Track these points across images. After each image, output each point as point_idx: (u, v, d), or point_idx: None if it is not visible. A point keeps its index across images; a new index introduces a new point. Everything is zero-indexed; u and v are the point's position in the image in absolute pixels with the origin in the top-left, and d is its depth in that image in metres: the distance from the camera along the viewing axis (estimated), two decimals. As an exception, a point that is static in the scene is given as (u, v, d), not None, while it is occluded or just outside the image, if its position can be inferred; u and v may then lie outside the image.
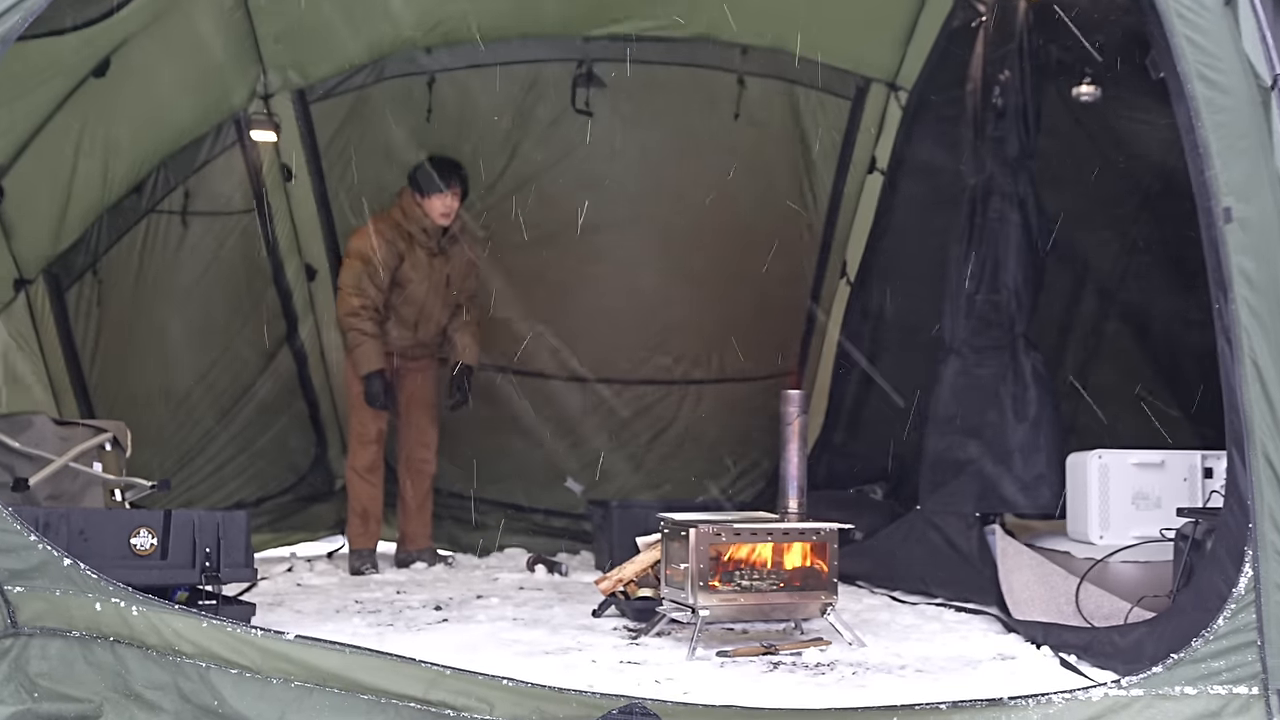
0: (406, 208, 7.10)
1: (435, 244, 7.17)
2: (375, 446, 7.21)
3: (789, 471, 4.95)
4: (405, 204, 7.11)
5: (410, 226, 7.09)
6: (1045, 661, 4.50)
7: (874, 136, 7.82)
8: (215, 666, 3.70)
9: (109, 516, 4.73)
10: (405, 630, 5.16)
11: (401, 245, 7.08)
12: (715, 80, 7.58)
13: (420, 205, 7.07)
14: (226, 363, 7.59)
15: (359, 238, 7.07)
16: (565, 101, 7.52)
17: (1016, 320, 6.09)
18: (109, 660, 3.74)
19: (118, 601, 3.77)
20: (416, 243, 7.12)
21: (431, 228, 7.11)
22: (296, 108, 7.38)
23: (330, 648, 3.70)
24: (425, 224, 7.09)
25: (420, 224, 7.09)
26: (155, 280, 7.17)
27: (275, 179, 7.53)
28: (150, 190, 6.96)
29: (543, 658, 4.58)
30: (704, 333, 8.18)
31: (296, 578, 6.80)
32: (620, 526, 6.82)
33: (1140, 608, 4.89)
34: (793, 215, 7.98)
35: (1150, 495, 5.64)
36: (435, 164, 7.08)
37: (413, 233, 7.10)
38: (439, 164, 7.09)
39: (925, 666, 4.46)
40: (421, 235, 7.11)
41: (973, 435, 6.11)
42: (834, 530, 4.92)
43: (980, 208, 6.25)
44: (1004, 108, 6.15)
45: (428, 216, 7.08)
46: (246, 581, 4.96)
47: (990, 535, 5.81)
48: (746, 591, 4.84)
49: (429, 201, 7.06)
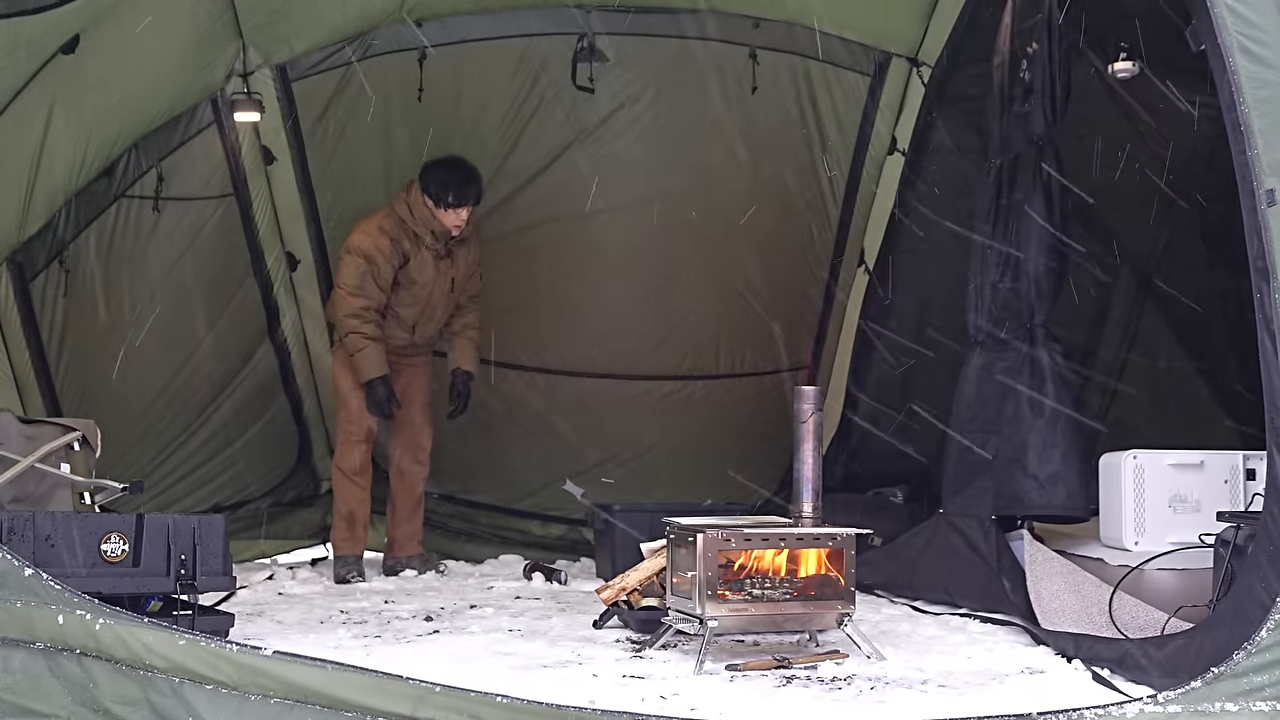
0: (414, 207, 7.03)
1: (442, 246, 7.14)
2: (364, 447, 7.21)
3: (803, 472, 4.93)
4: (413, 202, 7.04)
5: (417, 227, 7.04)
6: (1076, 675, 4.48)
7: (894, 115, 7.81)
8: (189, 681, 3.69)
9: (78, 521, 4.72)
10: (393, 642, 5.14)
11: (407, 245, 7.05)
12: (725, 54, 7.57)
13: (430, 209, 7.02)
14: (202, 357, 7.59)
15: (362, 234, 7.02)
16: (565, 78, 7.52)
17: (1036, 309, 6.07)
18: (76, 673, 3.74)
19: (83, 614, 3.77)
20: (423, 244, 7.08)
21: (440, 232, 7.07)
22: (278, 86, 7.38)
23: (311, 664, 3.70)
24: (434, 228, 7.05)
25: (428, 226, 7.04)
26: (126, 269, 7.17)
27: (255, 162, 7.53)
28: (121, 173, 6.96)
29: (540, 672, 4.57)
30: (712, 325, 8.19)
31: (278, 586, 6.80)
32: (623, 532, 6.83)
33: (1178, 618, 4.86)
34: (807, 199, 7.98)
35: (1188, 498, 5.62)
36: (451, 170, 7.02)
37: (419, 234, 7.06)
38: (455, 171, 7.03)
39: (949, 681, 4.45)
40: (429, 237, 7.07)
41: (993, 432, 6.10)
42: (851, 535, 4.91)
43: (1006, 189, 6.23)
44: (1032, 83, 6.12)
45: (437, 221, 7.04)
46: (224, 590, 4.96)
47: (1018, 541, 5.80)
48: (758, 601, 4.82)
49: (442, 213, 7.01)
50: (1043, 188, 6.11)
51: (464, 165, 7.09)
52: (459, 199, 7.00)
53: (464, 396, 7.39)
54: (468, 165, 7.11)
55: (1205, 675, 3.66)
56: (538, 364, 8.18)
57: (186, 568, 4.63)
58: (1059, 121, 6.13)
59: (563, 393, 8.20)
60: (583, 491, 8.11)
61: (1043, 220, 6.08)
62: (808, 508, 4.93)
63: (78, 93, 6.12)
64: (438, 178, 7.00)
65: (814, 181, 7.95)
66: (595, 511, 7.44)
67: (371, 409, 7.08)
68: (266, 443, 7.95)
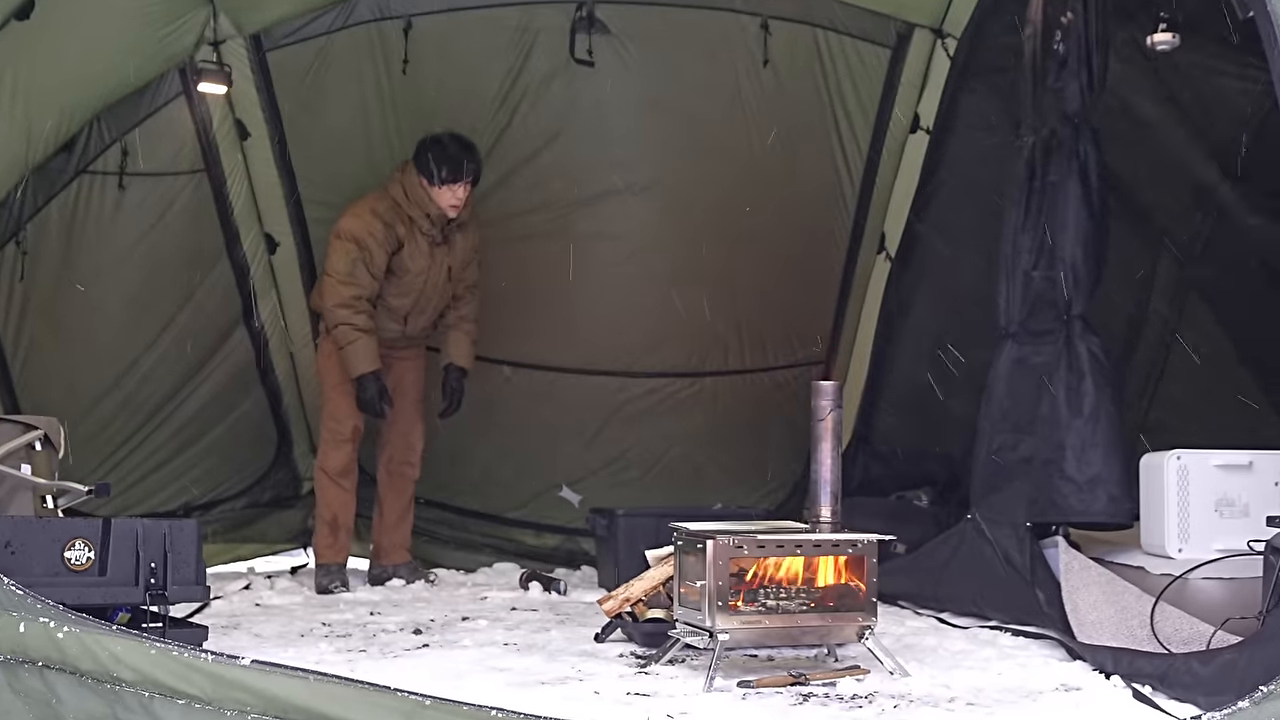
0: (409, 188, 7.06)
1: (439, 231, 7.15)
2: (350, 447, 7.22)
3: (821, 474, 4.94)
4: (407, 183, 7.07)
5: (411, 210, 7.07)
6: (1116, 693, 4.50)
7: (917, 91, 7.81)
8: (160, 695, 3.69)
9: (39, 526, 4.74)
10: (380, 657, 5.16)
11: (401, 230, 7.07)
12: (735, 25, 7.57)
13: (425, 188, 7.05)
14: (171, 344, 7.57)
15: (353, 217, 7.04)
16: (563, 50, 7.51)
17: (1074, 300, 6.08)
18: (38, 687, 3.74)
19: (46, 621, 3.76)
20: (418, 228, 7.10)
21: (436, 214, 7.10)
22: (251, 56, 7.36)
23: (292, 675, 3.70)
24: (430, 210, 7.07)
25: (424, 209, 7.07)
26: (89, 251, 7.15)
27: (230, 136, 7.52)
28: (82, 147, 6.94)
29: (538, 688, 4.58)
30: (722, 317, 8.18)
31: (255, 596, 6.81)
32: (627, 538, 6.83)
33: (1225, 631, 4.88)
34: (823, 180, 7.97)
35: (1236, 501, 5.62)
36: (446, 146, 7.05)
37: (414, 217, 7.08)
38: (450, 147, 7.05)
39: (978, 699, 4.46)
40: (424, 221, 7.09)
41: (1026, 432, 6.11)
42: (873, 542, 4.91)
43: (1039, 170, 6.24)
44: (1065, 55, 6.13)
45: (433, 203, 7.06)
46: (198, 601, 4.98)
47: (1052, 549, 5.80)
48: (772, 613, 4.82)
49: (436, 190, 7.04)
50: (1079, 168, 6.12)
51: (459, 139, 7.12)
52: (453, 174, 7.02)
53: (457, 394, 7.40)
54: (463, 139, 7.13)
55: (1254, 694, 3.64)
56: (532, 360, 8.17)
57: (157, 577, 4.64)
58: (1096, 97, 6.14)
59: (559, 391, 8.20)
60: (580, 499, 8.12)
61: (1080, 203, 6.09)
62: (826, 512, 4.93)
63: (33, 61, 6.08)
64: (431, 152, 7.02)
65: (830, 162, 7.95)
66: (594, 518, 7.44)
67: (362, 406, 7.08)
68: (241, 438, 7.95)
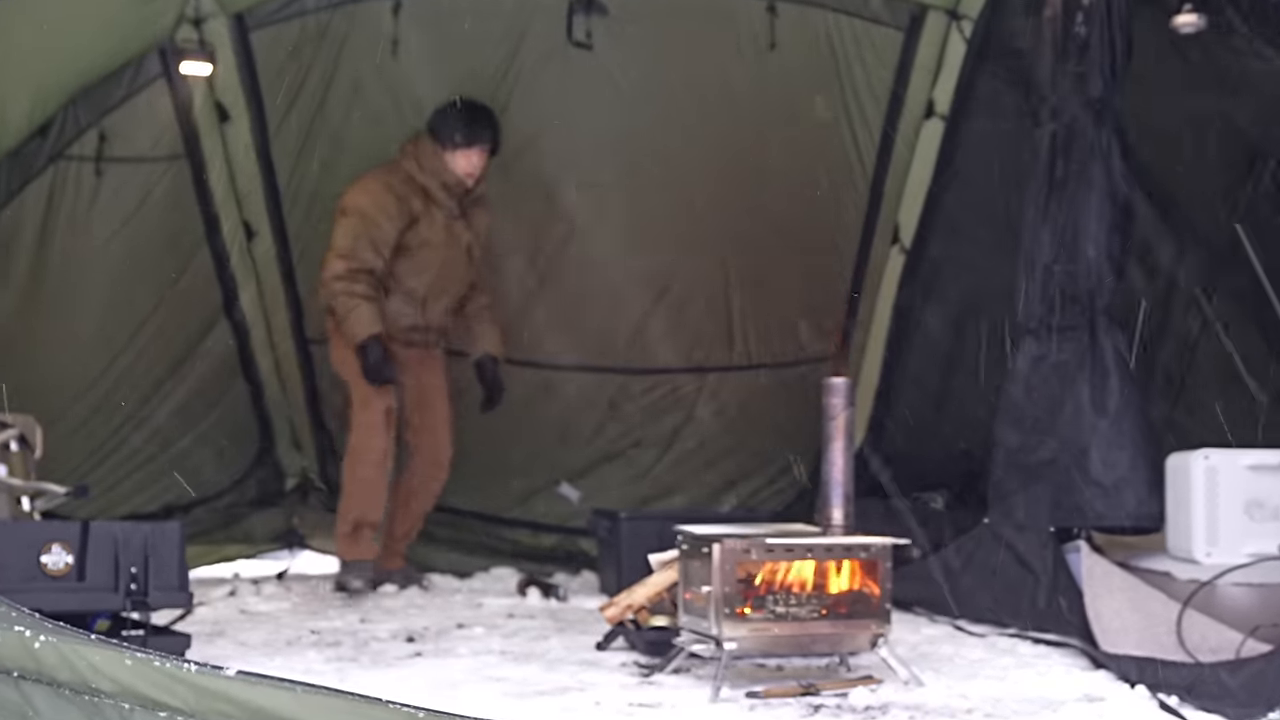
0: (423, 157, 7.09)
1: (456, 204, 7.16)
2: (387, 432, 7.08)
3: (832, 475, 4.93)
4: (421, 152, 7.10)
5: (427, 180, 7.08)
6: (1141, 704, 4.49)
7: (932, 75, 7.82)
8: (140, 707, 3.68)
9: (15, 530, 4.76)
10: (371, 666, 5.16)
11: (416, 204, 7.08)
12: (740, 6, 7.58)
13: (441, 156, 7.06)
14: (150, 338, 7.59)
15: (361, 191, 7.05)
16: (560, 32, 7.51)
17: (1097, 295, 6.10)
18: (13, 698, 3.72)
19: (21, 630, 3.75)
20: (434, 201, 7.11)
21: (453, 183, 7.11)
22: (234, 35, 7.38)
23: (279, 686, 3.68)
24: (446, 178, 7.09)
25: (439, 177, 7.09)
26: (64, 240, 7.16)
27: (209, 119, 7.53)
28: (57, 132, 6.95)
29: (536, 699, 4.57)
30: (727, 310, 8.21)
31: (240, 603, 6.80)
32: (630, 541, 6.80)
33: (1255, 639, 4.89)
34: (833, 169, 7.98)
35: (1267, 504, 5.63)
36: (462, 111, 7.10)
37: (430, 188, 7.09)
38: (466, 112, 7.11)
39: (996, 710, 4.45)
40: (441, 193, 7.11)
41: (1048, 433, 6.11)
42: (887, 546, 4.90)
43: (1060, 158, 6.24)
44: (1087, 37, 6.14)
45: (449, 170, 7.07)
46: (180, 607, 5.00)
47: (1074, 553, 5.80)
48: (781, 620, 4.81)
49: (451, 156, 7.06)
50: (1102, 157, 6.13)
51: (476, 104, 7.19)
52: (468, 138, 7.07)
53: (498, 385, 7.42)
54: (481, 104, 7.21)
55: (1288, 704, 3.66)
56: (526, 356, 8.15)
57: (137, 582, 4.65)
58: (1120, 82, 6.14)
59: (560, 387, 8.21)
60: (580, 496, 8.11)
61: (1102, 193, 6.09)
62: (837, 515, 4.92)
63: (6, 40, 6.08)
64: (445, 116, 7.08)
65: (841, 150, 7.97)
66: (596, 520, 7.44)
67: (367, 373, 6.98)
68: (224, 434, 7.95)
